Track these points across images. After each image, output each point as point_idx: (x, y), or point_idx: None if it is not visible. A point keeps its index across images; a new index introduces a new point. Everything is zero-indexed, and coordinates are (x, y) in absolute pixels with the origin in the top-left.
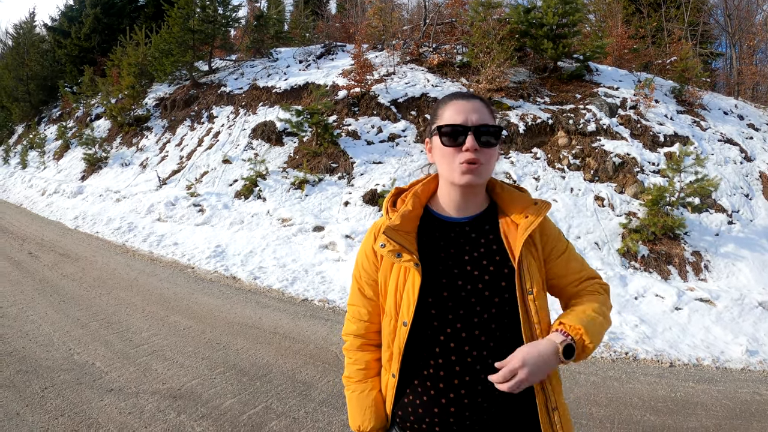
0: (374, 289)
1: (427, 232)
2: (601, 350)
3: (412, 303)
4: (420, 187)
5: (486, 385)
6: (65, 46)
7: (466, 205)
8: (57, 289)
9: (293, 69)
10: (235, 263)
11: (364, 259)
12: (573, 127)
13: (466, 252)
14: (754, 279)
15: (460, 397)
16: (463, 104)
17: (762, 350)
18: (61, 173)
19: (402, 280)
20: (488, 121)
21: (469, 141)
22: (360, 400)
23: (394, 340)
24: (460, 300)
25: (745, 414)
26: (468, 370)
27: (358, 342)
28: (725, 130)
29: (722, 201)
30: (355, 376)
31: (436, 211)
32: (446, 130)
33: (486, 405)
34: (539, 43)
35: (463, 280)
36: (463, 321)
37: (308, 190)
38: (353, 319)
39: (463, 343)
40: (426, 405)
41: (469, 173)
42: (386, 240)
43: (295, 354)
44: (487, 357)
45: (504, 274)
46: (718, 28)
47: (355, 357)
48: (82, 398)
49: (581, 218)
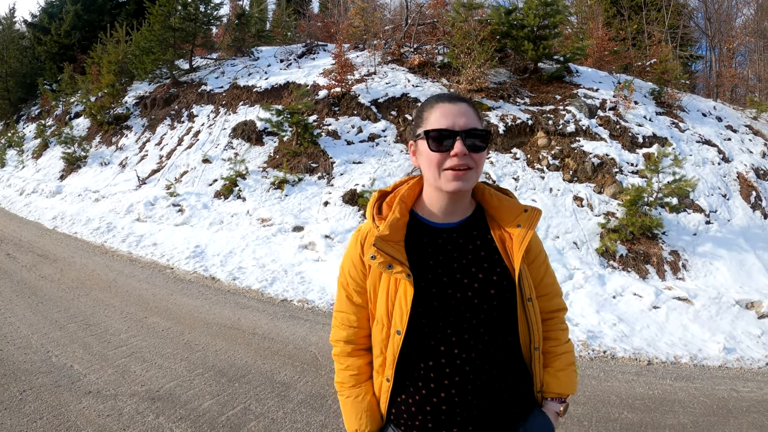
0: (362, 296)
1: (415, 238)
2: (580, 349)
3: (405, 312)
4: (405, 191)
5: (476, 383)
6: (45, 42)
7: (454, 210)
8: (35, 291)
9: (274, 68)
10: (215, 264)
11: (351, 267)
12: (552, 128)
13: (454, 259)
14: (732, 278)
15: (450, 396)
16: (449, 107)
17: (739, 348)
18: (39, 172)
19: (393, 289)
20: (476, 124)
21: (458, 146)
22: (355, 405)
23: (388, 347)
24: (450, 308)
25: (723, 411)
26: (458, 371)
27: (349, 348)
28: (703, 131)
29: (700, 201)
30: (348, 381)
31: (423, 216)
32: (434, 134)
33: (476, 402)
34: (520, 44)
35: (453, 288)
36: (453, 327)
37: (288, 190)
38: (342, 325)
39: (453, 346)
40: (418, 403)
41: (458, 180)
42: (376, 252)
43: (274, 355)
44: (476, 358)
45: (493, 281)
46: (698, 31)
47: (347, 363)
48: (61, 401)
49: (560, 218)
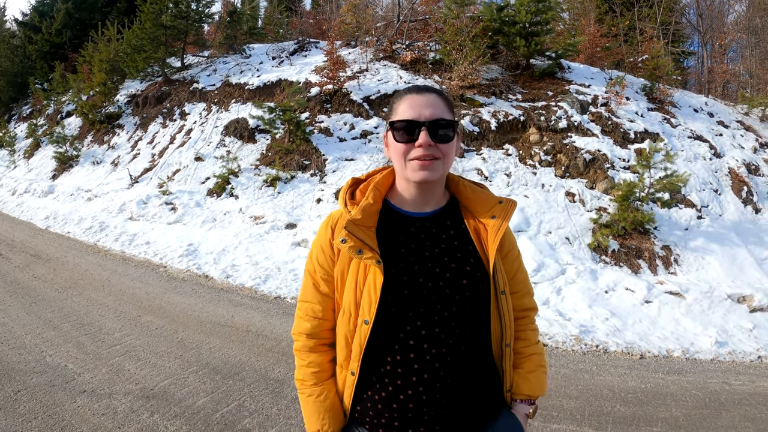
0: (330, 284)
1: (387, 226)
2: (572, 343)
3: (374, 301)
4: (380, 179)
5: (445, 382)
6: (36, 41)
7: (425, 200)
8: (28, 291)
9: (266, 65)
10: (208, 262)
11: (320, 252)
12: (544, 124)
13: (426, 248)
14: (723, 272)
15: (418, 394)
16: (416, 98)
17: (731, 341)
18: (31, 172)
19: (362, 276)
20: (443, 115)
21: (422, 137)
22: (317, 405)
23: (354, 338)
24: (421, 298)
25: (715, 404)
26: (427, 368)
27: (312, 342)
28: (695, 127)
29: (692, 196)
30: (310, 379)
31: (396, 205)
32: (399, 125)
33: (444, 401)
34: (512, 40)
35: (424, 277)
36: (423, 319)
37: (281, 187)
38: (306, 316)
39: (423, 340)
40: (384, 401)
41: (423, 170)
42: (347, 235)
43: (268, 352)
44: (446, 354)
45: (466, 271)
46: (690, 28)
47: (309, 359)
48: (55, 400)
49: (552, 214)
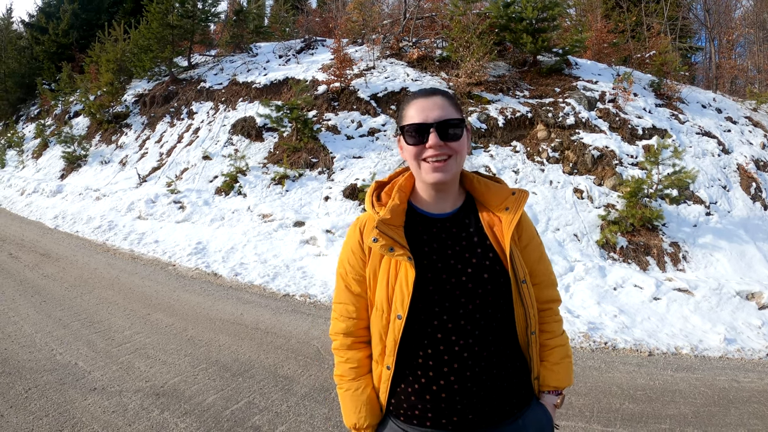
0: (362, 285)
1: (412, 226)
2: (581, 340)
3: (407, 296)
4: (402, 181)
5: (474, 371)
6: (43, 42)
7: (443, 200)
8: (38, 290)
9: (273, 64)
10: (217, 260)
11: (350, 255)
12: (552, 121)
13: (448, 246)
14: (732, 269)
15: (449, 383)
16: (423, 102)
17: (740, 338)
18: (40, 172)
19: (393, 273)
20: (450, 115)
21: (432, 138)
22: (354, 399)
23: (388, 333)
24: (445, 293)
25: (723, 401)
26: (456, 358)
27: (349, 341)
28: (703, 123)
29: (700, 193)
30: (348, 374)
31: (418, 206)
32: (409, 129)
33: (475, 389)
34: (519, 37)
35: (447, 273)
36: (449, 313)
37: (288, 185)
38: (341, 317)
39: (450, 333)
40: (418, 392)
41: (437, 171)
42: (378, 234)
43: (277, 349)
44: (473, 344)
45: (485, 266)
46: (698, 23)
47: (347, 356)
48: (66, 398)
49: (560, 210)
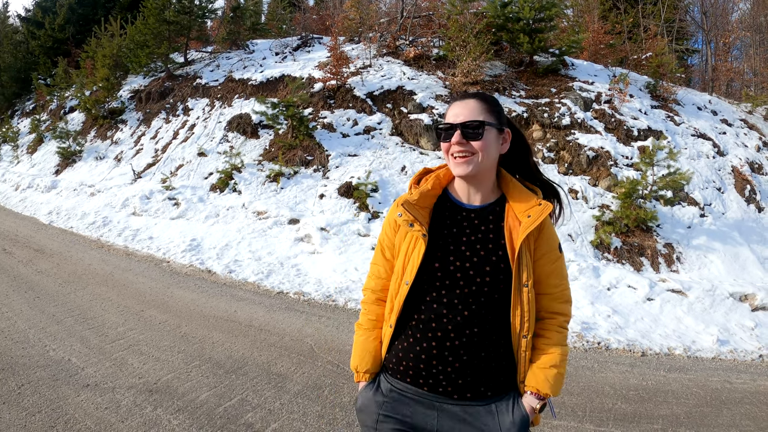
0: (392, 251)
1: (441, 210)
2: (574, 340)
3: (415, 266)
4: (443, 171)
5: (454, 344)
6: (39, 37)
7: (474, 193)
8: (32, 285)
9: (269, 61)
10: (211, 257)
11: (388, 224)
12: (548, 121)
13: (465, 235)
14: (726, 270)
15: (430, 348)
16: (457, 105)
17: (732, 340)
18: (34, 167)
19: (412, 246)
20: (476, 117)
21: (454, 137)
22: (363, 346)
23: (397, 296)
24: (448, 272)
25: (716, 402)
26: (441, 328)
27: (374, 296)
28: (699, 125)
29: (695, 194)
30: (365, 324)
31: (452, 195)
32: (442, 128)
33: (451, 360)
34: (515, 37)
35: (455, 256)
36: (447, 290)
37: (284, 182)
38: (373, 276)
39: (443, 306)
40: (405, 350)
41: (460, 165)
42: (403, 211)
43: (270, 346)
44: (461, 322)
45: (491, 261)
46: (694, 25)
47: (369, 309)
48: (59, 394)
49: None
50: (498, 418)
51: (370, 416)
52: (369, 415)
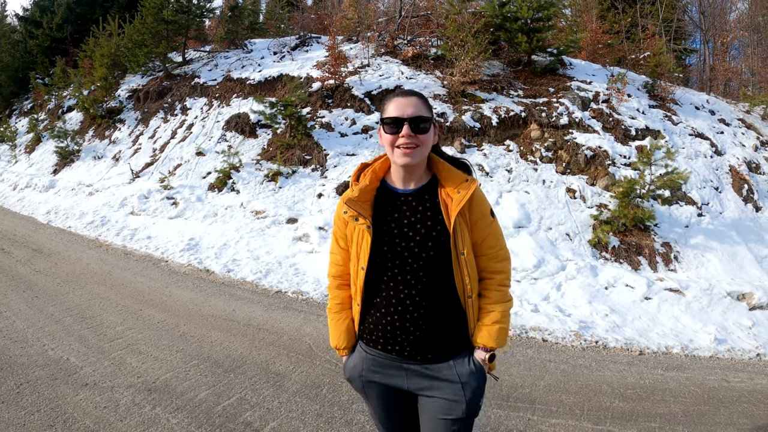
0: (345, 241)
1: (381, 199)
2: (572, 339)
3: (366, 254)
4: (378, 164)
5: (413, 315)
6: (37, 36)
7: (409, 179)
8: (30, 285)
9: (267, 60)
10: (209, 256)
11: (337, 219)
12: (546, 120)
13: (406, 217)
14: (723, 269)
15: (393, 320)
16: (401, 100)
17: (730, 338)
18: (32, 167)
19: (360, 236)
20: (422, 113)
21: (404, 129)
22: (337, 326)
23: (357, 279)
24: (396, 253)
25: (713, 400)
26: (400, 303)
27: (336, 282)
28: (696, 124)
29: (692, 194)
30: (334, 308)
31: (389, 183)
32: (388, 120)
33: (412, 329)
34: (514, 36)
35: (400, 238)
36: (399, 268)
37: (282, 182)
38: (332, 264)
39: (398, 284)
40: (374, 323)
41: (406, 156)
42: (347, 208)
43: (269, 345)
44: (416, 295)
45: (432, 236)
46: (692, 25)
47: (335, 294)
48: (58, 394)
49: (553, 210)
50: (456, 370)
51: (356, 382)
52: (355, 381)
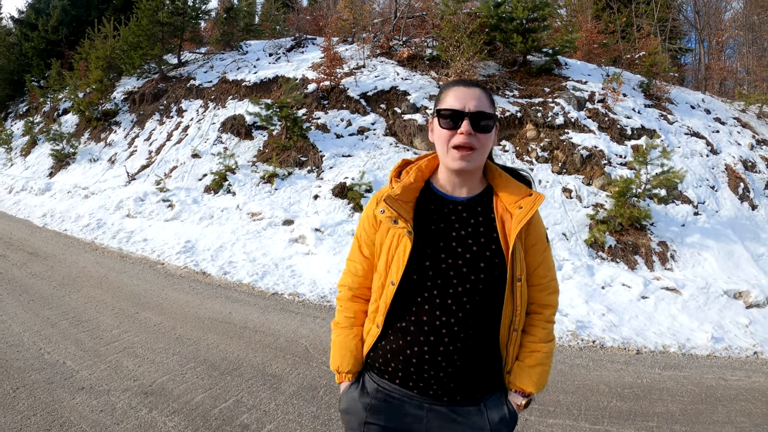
0: (371, 249)
1: (425, 204)
2: (569, 339)
3: (401, 266)
4: (425, 162)
5: (448, 348)
6: (32, 39)
7: (462, 185)
8: (26, 289)
9: (263, 62)
10: (205, 258)
11: (366, 221)
12: (541, 120)
13: (455, 229)
14: (719, 268)
15: (423, 353)
16: (463, 90)
17: (727, 337)
18: (28, 170)
19: (395, 243)
20: (486, 108)
21: (465, 125)
22: (343, 344)
23: (382, 296)
24: (440, 271)
25: (711, 399)
26: (434, 332)
27: (350, 294)
28: (692, 123)
29: (688, 193)
30: (343, 322)
31: (436, 187)
32: (445, 113)
33: (444, 365)
34: (509, 37)
35: (446, 253)
36: (439, 289)
37: (278, 183)
38: (349, 273)
39: (435, 308)
40: (394, 351)
41: (462, 160)
42: (386, 207)
43: (265, 348)
44: (454, 324)
45: (485, 256)
46: (687, 25)
47: (346, 306)
48: (54, 397)
49: (549, 210)
50: (487, 415)
51: (356, 418)
52: (356, 416)
